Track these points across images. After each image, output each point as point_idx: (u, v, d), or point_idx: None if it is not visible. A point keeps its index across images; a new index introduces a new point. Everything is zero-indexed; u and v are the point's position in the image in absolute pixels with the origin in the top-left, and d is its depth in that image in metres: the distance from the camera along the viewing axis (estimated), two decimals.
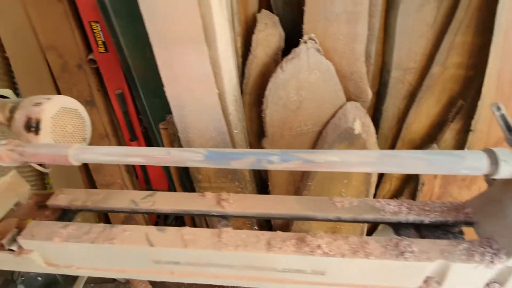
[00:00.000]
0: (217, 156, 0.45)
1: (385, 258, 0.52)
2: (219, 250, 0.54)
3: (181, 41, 0.78)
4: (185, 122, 0.95)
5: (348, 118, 0.98)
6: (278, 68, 0.93)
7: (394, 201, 0.62)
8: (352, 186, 1.14)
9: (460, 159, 0.42)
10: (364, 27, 0.85)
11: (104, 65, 1.15)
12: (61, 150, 0.47)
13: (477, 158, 0.42)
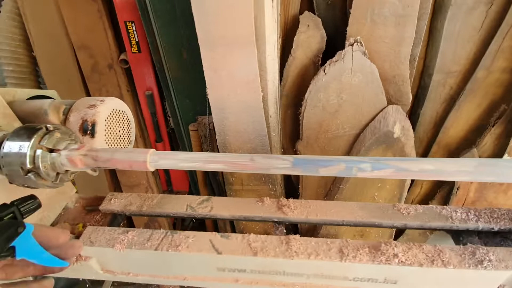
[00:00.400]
0: (304, 163, 0.44)
1: (464, 267, 0.50)
2: (290, 259, 0.52)
3: (231, 42, 0.76)
4: (225, 124, 0.94)
5: (389, 122, 0.97)
6: (320, 70, 0.91)
7: (460, 208, 0.61)
8: (385, 189, 1.13)
9: None
10: (412, 31, 0.83)
11: (136, 66, 1.13)
12: (138, 156, 0.45)
13: None
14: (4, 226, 0.31)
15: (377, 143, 1.00)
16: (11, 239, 0.31)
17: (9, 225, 0.32)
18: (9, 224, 0.32)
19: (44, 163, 0.45)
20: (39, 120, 0.61)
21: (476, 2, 0.83)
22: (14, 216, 0.34)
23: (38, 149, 0.45)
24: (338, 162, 0.43)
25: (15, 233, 0.32)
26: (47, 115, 0.61)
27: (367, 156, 1.04)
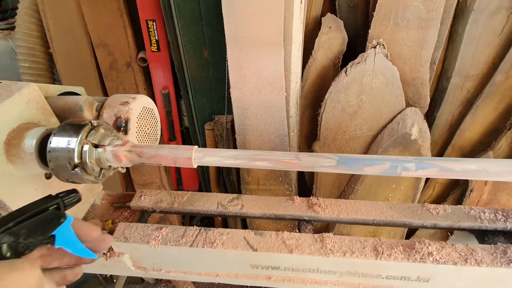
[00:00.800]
0: (349, 162, 0.44)
1: (496, 265, 0.51)
2: (326, 257, 0.53)
3: (258, 43, 0.77)
4: (245, 123, 0.95)
5: (407, 123, 0.98)
6: (342, 72, 0.92)
7: (487, 209, 0.62)
8: (400, 191, 1.14)
9: None
10: (434, 34, 0.85)
11: (155, 64, 1.13)
12: (184, 152, 0.46)
13: None
14: (49, 215, 0.33)
15: (394, 144, 1.01)
16: (53, 228, 0.33)
17: (53, 215, 0.34)
18: (53, 214, 0.34)
19: (91, 158, 0.46)
20: (74, 116, 0.62)
21: (498, 7, 0.85)
22: (58, 207, 0.36)
23: (85, 145, 0.45)
24: (384, 161, 0.44)
25: (57, 223, 0.33)
26: (82, 111, 0.61)
27: None
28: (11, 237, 0.30)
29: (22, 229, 0.30)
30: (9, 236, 0.30)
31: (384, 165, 0.44)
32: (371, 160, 0.44)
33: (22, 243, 0.30)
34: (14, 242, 0.30)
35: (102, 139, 0.47)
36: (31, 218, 0.32)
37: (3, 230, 0.30)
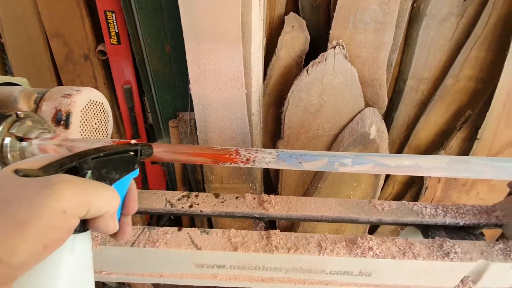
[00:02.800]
0: (288, 157, 0.45)
1: (432, 258, 0.54)
2: (270, 253, 0.53)
3: (217, 38, 0.76)
4: (207, 121, 0.93)
5: (366, 123, 1.01)
6: (303, 71, 0.93)
7: (429, 204, 0.65)
8: (360, 188, 1.17)
9: None
10: (390, 37, 0.88)
11: (114, 58, 1.09)
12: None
13: None
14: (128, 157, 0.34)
15: (354, 143, 1.04)
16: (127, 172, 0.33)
17: (131, 159, 0.34)
18: (132, 158, 0.34)
19: (13, 152, 0.43)
20: (8, 108, 0.57)
21: (448, 14, 0.89)
22: (135, 154, 0.35)
23: (7, 137, 0.42)
24: (321, 156, 0.45)
25: (131, 168, 0.34)
26: (17, 102, 0.57)
27: None
28: (98, 166, 0.30)
29: (108, 162, 0.31)
30: (96, 165, 0.30)
31: (322, 160, 0.45)
32: (309, 155, 0.45)
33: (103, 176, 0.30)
34: (97, 172, 0.30)
35: (28, 131, 0.44)
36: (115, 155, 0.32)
37: (94, 157, 0.30)
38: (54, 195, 0.24)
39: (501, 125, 0.96)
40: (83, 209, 0.25)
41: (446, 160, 0.44)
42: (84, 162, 0.29)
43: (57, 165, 0.28)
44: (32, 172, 0.26)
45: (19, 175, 0.25)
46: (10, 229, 0.22)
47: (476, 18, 0.89)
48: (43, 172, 0.26)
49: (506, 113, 0.94)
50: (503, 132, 0.97)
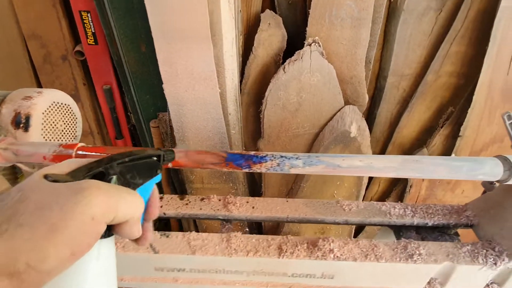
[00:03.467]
0: (237, 159, 0.43)
1: (395, 261, 0.53)
2: (229, 256, 0.52)
3: (185, 36, 0.74)
4: (182, 121, 0.92)
5: (346, 121, 0.99)
6: (280, 69, 0.92)
7: (398, 204, 0.64)
8: (344, 187, 1.16)
9: (479, 166, 0.43)
10: (367, 33, 0.86)
11: (92, 58, 1.08)
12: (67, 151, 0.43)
13: (494, 165, 0.44)
14: (152, 163, 0.34)
15: (335, 142, 1.02)
16: (150, 177, 0.33)
17: (154, 164, 0.34)
18: (155, 163, 0.34)
19: None
20: None
21: (426, 8, 0.87)
22: (158, 160, 0.35)
23: None
24: (271, 158, 0.43)
25: (154, 173, 0.34)
26: None
27: None
28: (123, 171, 0.30)
29: (132, 167, 0.31)
30: (121, 169, 0.30)
31: (272, 162, 0.43)
32: (258, 157, 0.43)
33: (128, 181, 0.31)
34: (122, 177, 0.30)
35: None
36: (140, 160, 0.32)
37: (120, 162, 0.30)
38: (84, 200, 0.24)
39: (484, 122, 0.94)
40: (110, 215, 0.26)
41: (399, 160, 0.43)
42: (110, 167, 0.29)
43: (85, 170, 0.28)
44: (61, 177, 0.27)
45: (49, 180, 0.26)
46: (42, 235, 0.22)
47: (455, 12, 0.87)
48: (72, 177, 0.27)
49: (488, 109, 0.92)
50: (486, 129, 0.95)
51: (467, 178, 0.44)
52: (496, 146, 0.98)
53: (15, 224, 0.22)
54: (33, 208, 0.23)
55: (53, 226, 0.23)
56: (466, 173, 0.43)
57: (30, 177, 0.26)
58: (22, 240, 0.22)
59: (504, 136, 0.96)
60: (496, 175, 0.44)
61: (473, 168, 0.43)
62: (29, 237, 0.22)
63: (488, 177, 0.44)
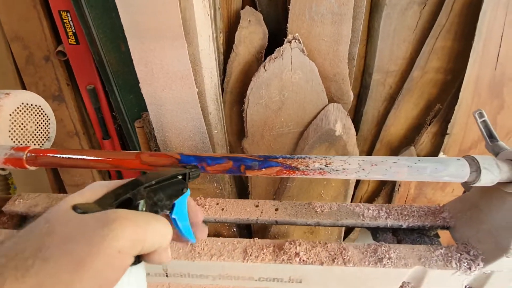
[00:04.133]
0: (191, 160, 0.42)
1: (363, 265, 0.51)
2: (192, 260, 0.51)
3: (158, 35, 0.73)
4: (162, 121, 0.91)
5: (330, 120, 0.97)
6: (261, 67, 0.90)
7: (373, 206, 0.62)
8: (331, 187, 1.14)
9: (443, 167, 0.41)
10: (348, 29, 0.84)
11: (75, 58, 1.07)
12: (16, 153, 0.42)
13: (459, 166, 0.41)
14: (177, 182, 0.34)
15: (320, 141, 1.00)
16: (177, 196, 0.33)
17: (180, 183, 0.34)
18: (180, 182, 0.34)
19: None
20: None
21: (409, 2, 0.85)
22: (183, 178, 0.35)
23: None
24: (227, 159, 0.42)
25: (181, 192, 0.33)
26: None
27: (311, 154, 1.04)
28: (150, 194, 0.30)
29: (159, 189, 0.31)
30: (148, 193, 0.30)
31: (227, 163, 0.42)
32: (213, 159, 0.42)
33: (155, 203, 0.30)
34: (150, 200, 0.30)
35: None
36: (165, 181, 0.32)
37: (146, 186, 0.30)
38: (110, 234, 0.24)
39: (472, 119, 0.91)
40: (138, 248, 0.26)
41: (359, 160, 0.41)
42: (138, 192, 0.29)
43: (112, 196, 0.28)
44: (89, 207, 0.26)
45: (78, 212, 0.25)
46: (68, 270, 0.22)
47: (440, 5, 0.84)
48: (99, 206, 0.27)
49: (476, 106, 0.89)
50: (474, 126, 0.92)
51: (431, 179, 0.42)
52: (484, 144, 0.95)
53: (41, 259, 0.22)
54: (60, 242, 0.23)
55: (79, 261, 0.22)
56: (430, 174, 0.41)
57: (58, 206, 0.26)
58: (49, 276, 0.21)
59: None
60: (463, 177, 0.42)
61: (437, 169, 0.41)
62: (54, 273, 0.22)
63: (454, 179, 0.42)
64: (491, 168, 0.40)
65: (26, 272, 0.21)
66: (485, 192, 0.53)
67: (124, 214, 0.25)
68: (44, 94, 1.13)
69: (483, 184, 0.42)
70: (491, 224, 0.51)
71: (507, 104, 0.88)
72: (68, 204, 0.26)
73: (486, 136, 0.47)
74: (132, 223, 0.25)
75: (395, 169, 0.40)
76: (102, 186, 0.30)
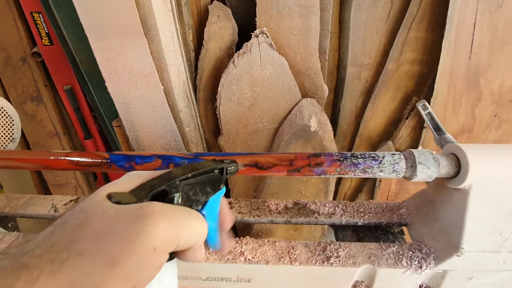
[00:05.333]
0: (120, 159, 0.41)
1: (310, 264, 0.49)
2: None
3: (118, 33, 0.72)
4: (132, 120, 0.90)
5: (304, 115, 0.95)
6: (230, 63, 0.88)
7: (331, 203, 0.60)
8: (311, 183, 1.12)
9: (376, 162, 0.39)
10: (317, 22, 0.82)
11: (50, 59, 1.07)
12: None
13: (395, 161, 0.39)
14: (214, 177, 0.32)
15: (295, 137, 0.98)
16: (213, 192, 0.31)
17: (217, 178, 0.32)
18: (218, 177, 0.32)
19: None
20: None
21: None
22: (220, 172, 0.33)
23: None
24: (155, 158, 0.41)
25: (217, 188, 0.32)
26: None
27: (287, 151, 1.02)
28: (185, 188, 0.29)
29: (195, 183, 0.29)
30: (184, 187, 0.29)
31: (155, 162, 0.41)
32: (142, 157, 0.41)
33: (190, 198, 0.29)
34: (185, 194, 0.29)
35: None
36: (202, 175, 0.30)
37: (183, 179, 0.28)
38: (145, 230, 0.23)
39: (449, 112, 0.88)
40: (173, 245, 0.25)
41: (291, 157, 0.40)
42: (173, 184, 0.28)
43: (147, 188, 0.27)
44: (124, 197, 0.26)
45: (112, 201, 0.25)
46: (102, 267, 0.21)
47: None
48: (134, 196, 0.26)
49: (452, 98, 0.86)
50: (452, 119, 0.90)
51: (365, 175, 0.40)
52: (464, 137, 0.92)
53: (76, 253, 0.21)
54: (94, 236, 0.22)
55: (113, 259, 0.22)
56: (363, 170, 0.39)
57: (94, 195, 0.26)
58: (82, 273, 0.21)
59: (473, 126, 0.90)
60: (398, 172, 0.40)
61: (371, 164, 0.39)
62: (89, 270, 0.21)
63: (389, 175, 0.40)
64: (427, 162, 0.38)
65: (61, 266, 0.21)
66: (438, 187, 0.50)
67: (159, 209, 0.24)
68: (23, 95, 1.14)
69: (420, 180, 0.40)
70: (444, 221, 0.49)
71: (484, 95, 0.84)
72: (104, 193, 0.25)
73: (432, 128, 0.45)
74: (166, 218, 0.24)
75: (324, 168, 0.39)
76: (139, 176, 0.29)
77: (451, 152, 0.41)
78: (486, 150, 0.39)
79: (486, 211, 0.43)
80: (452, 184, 0.41)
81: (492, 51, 0.78)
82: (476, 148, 0.40)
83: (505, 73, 0.81)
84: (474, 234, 0.45)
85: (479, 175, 0.38)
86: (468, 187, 0.40)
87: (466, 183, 0.39)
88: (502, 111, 0.85)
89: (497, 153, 0.39)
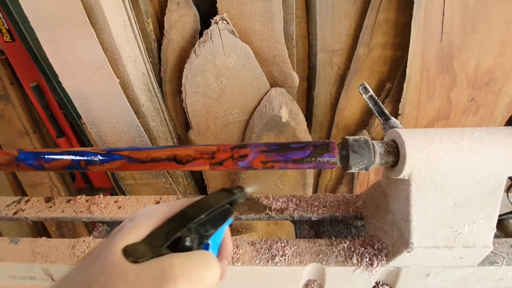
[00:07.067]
0: (28, 159, 0.37)
1: (253, 264, 0.46)
2: (71, 263, 0.47)
3: (64, 24, 0.68)
4: (93, 115, 0.86)
5: (274, 106, 0.91)
6: (192, 53, 0.84)
7: (284, 197, 0.57)
8: (288, 176, 1.08)
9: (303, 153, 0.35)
10: (279, 5, 0.77)
11: (13, 56, 1.03)
12: None
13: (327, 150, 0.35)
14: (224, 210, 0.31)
15: (266, 128, 0.94)
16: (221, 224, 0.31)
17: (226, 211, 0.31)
18: (227, 210, 0.32)
19: None
20: None
21: None
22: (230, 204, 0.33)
23: None
24: (66, 154, 0.37)
25: (225, 220, 0.31)
26: None
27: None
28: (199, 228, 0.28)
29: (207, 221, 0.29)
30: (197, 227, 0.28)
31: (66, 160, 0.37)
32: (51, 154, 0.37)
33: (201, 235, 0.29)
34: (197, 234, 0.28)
35: None
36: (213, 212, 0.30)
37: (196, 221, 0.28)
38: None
39: (423, 97, 0.84)
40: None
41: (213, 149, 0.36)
42: (187, 229, 0.28)
43: (162, 236, 0.27)
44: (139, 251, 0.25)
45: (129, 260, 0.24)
46: None
47: None
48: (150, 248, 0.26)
49: (426, 82, 0.81)
50: (427, 105, 0.85)
51: (296, 168, 0.36)
52: (441, 123, 0.87)
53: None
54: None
55: None
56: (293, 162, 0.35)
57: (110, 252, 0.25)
58: None
59: (450, 112, 0.86)
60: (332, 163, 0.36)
61: (300, 155, 0.35)
62: None
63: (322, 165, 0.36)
64: (360, 151, 0.34)
65: None
66: (388, 178, 0.47)
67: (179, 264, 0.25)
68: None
69: (357, 171, 0.36)
70: (395, 214, 0.45)
71: (459, 78, 0.80)
72: (119, 246, 0.25)
73: (376, 113, 0.41)
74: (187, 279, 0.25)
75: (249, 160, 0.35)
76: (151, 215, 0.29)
77: (392, 138, 0.37)
78: (427, 135, 0.35)
79: (432, 203, 0.39)
80: (393, 174, 0.38)
81: (464, 31, 0.73)
82: (416, 133, 0.36)
83: (480, 53, 0.76)
84: (423, 228, 0.41)
85: (418, 163, 0.34)
86: (407, 177, 0.36)
87: (405, 172, 0.35)
88: (479, 94, 0.81)
89: (439, 139, 0.35)
